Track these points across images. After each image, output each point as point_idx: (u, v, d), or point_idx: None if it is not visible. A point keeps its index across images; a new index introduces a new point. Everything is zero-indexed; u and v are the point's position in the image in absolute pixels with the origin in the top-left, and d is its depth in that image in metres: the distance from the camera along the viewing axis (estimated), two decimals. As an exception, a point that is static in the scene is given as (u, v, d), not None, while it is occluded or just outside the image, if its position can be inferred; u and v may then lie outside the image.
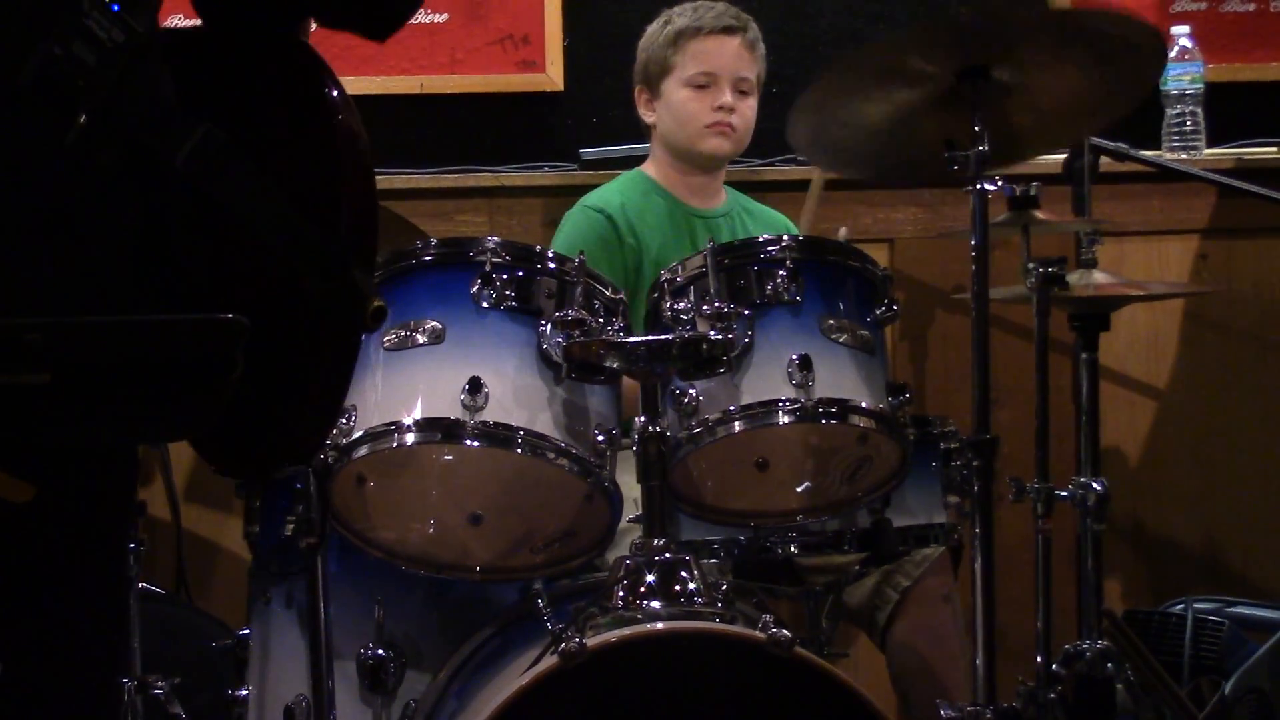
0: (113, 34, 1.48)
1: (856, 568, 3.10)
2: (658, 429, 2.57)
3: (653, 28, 3.73)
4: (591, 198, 3.70)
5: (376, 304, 1.70)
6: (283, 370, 1.69)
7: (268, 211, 1.60)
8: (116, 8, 1.49)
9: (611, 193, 3.72)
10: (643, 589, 2.51)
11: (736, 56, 3.64)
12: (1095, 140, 3.73)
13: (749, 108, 3.65)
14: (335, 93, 1.70)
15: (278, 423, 1.69)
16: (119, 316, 1.38)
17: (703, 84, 3.63)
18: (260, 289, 1.65)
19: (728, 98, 3.61)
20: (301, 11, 1.76)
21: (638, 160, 3.84)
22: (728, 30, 3.65)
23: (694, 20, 3.67)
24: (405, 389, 2.61)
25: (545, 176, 4.21)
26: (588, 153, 4.18)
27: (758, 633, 2.37)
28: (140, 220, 1.55)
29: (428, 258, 2.70)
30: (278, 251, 1.61)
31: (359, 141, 1.70)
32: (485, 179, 4.11)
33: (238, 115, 1.64)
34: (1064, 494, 3.24)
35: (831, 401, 2.64)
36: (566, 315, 2.61)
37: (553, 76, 4.31)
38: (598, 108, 4.32)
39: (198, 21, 1.80)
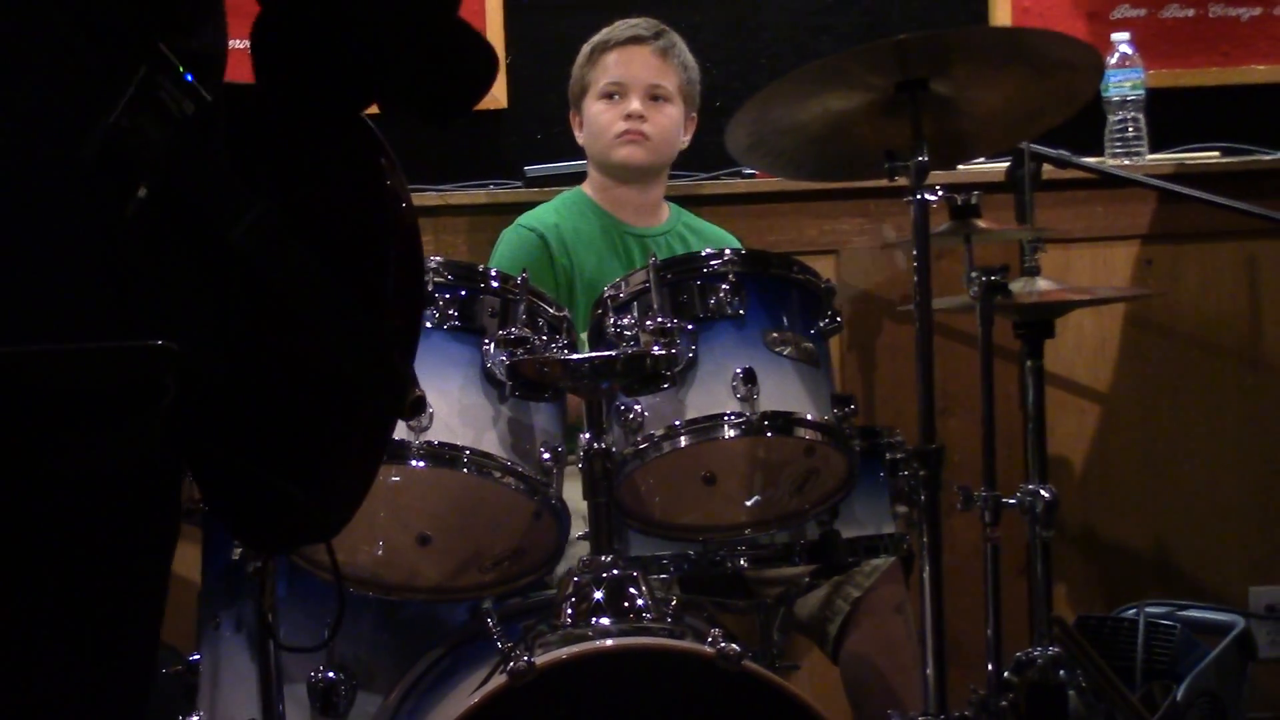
0: (184, 105, 1.45)
1: (806, 579, 3.09)
2: (603, 445, 2.58)
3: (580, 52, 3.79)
4: (526, 216, 3.71)
5: (416, 394, 1.68)
6: (314, 452, 1.65)
7: (316, 295, 1.57)
8: (190, 77, 1.46)
9: (547, 211, 3.73)
10: (591, 606, 2.51)
11: (645, 64, 3.66)
12: (1037, 147, 3.74)
13: (665, 115, 3.66)
14: (384, 160, 1.67)
15: (304, 503, 1.66)
16: (44, 346, 1.37)
17: (611, 93, 3.66)
18: (298, 370, 1.62)
19: (635, 105, 3.63)
20: (369, 100, 1.73)
21: (583, 176, 3.84)
22: (635, 40, 3.68)
23: (605, 35, 3.72)
24: (349, 410, 2.59)
25: (490, 194, 4.20)
26: (532, 170, 4.18)
27: (706, 647, 2.37)
28: (194, 295, 1.53)
29: (370, 278, 2.69)
30: (321, 336, 1.59)
31: (409, 220, 1.68)
32: (430, 198, 4.10)
33: (289, 180, 1.61)
34: (1012, 501, 3.24)
35: (776, 414, 2.64)
36: (510, 333, 2.60)
37: (496, 94, 4.31)
38: (542, 125, 4.32)
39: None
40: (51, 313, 1.40)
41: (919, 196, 2.95)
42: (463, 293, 2.66)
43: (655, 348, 2.58)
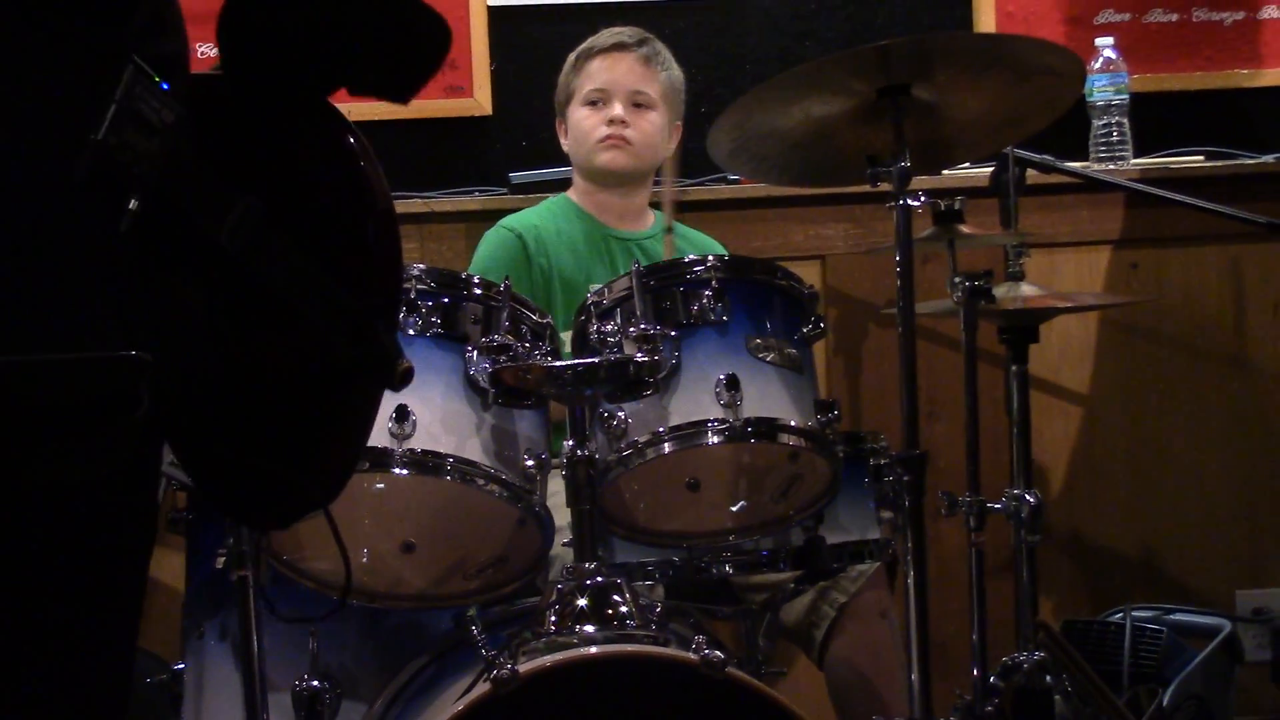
0: (164, 115, 1.46)
1: (792, 585, 3.09)
2: (586, 453, 2.57)
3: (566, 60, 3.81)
4: (508, 219, 3.74)
5: (404, 365, 1.70)
6: (310, 432, 1.69)
7: (304, 284, 1.60)
8: (166, 86, 1.47)
9: (530, 214, 3.76)
10: (575, 613, 2.50)
11: (628, 71, 3.69)
12: (1021, 152, 3.74)
13: (648, 121, 3.68)
14: (354, 140, 1.68)
15: (299, 478, 1.69)
16: (13, 357, 1.36)
17: (595, 100, 3.69)
18: (289, 356, 1.65)
19: (617, 110, 3.65)
20: (337, 83, 1.73)
21: (569, 183, 3.85)
22: (618, 47, 3.71)
23: (589, 43, 3.75)
24: (332, 418, 2.59)
25: (475, 201, 4.21)
26: (517, 176, 4.18)
27: (691, 654, 2.36)
28: (187, 295, 1.53)
29: (353, 286, 2.68)
30: (310, 320, 1.61)
31: (384, 196, 1.69)
32: (415, 205, 4.11)
33: (264, 168, 1.63)
34: (997, 506, 3.24)
35: (760, 421, 2.64)
36: (492, 341, 2.60)
37: (480, 101, 4.32)
38: (526, 131, 4.34)
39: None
40: (53, 330, 1.40)
41: (902, 202, 2.95)
42: (445, 300, 2.66)
43: (638, 354, 2.58)
